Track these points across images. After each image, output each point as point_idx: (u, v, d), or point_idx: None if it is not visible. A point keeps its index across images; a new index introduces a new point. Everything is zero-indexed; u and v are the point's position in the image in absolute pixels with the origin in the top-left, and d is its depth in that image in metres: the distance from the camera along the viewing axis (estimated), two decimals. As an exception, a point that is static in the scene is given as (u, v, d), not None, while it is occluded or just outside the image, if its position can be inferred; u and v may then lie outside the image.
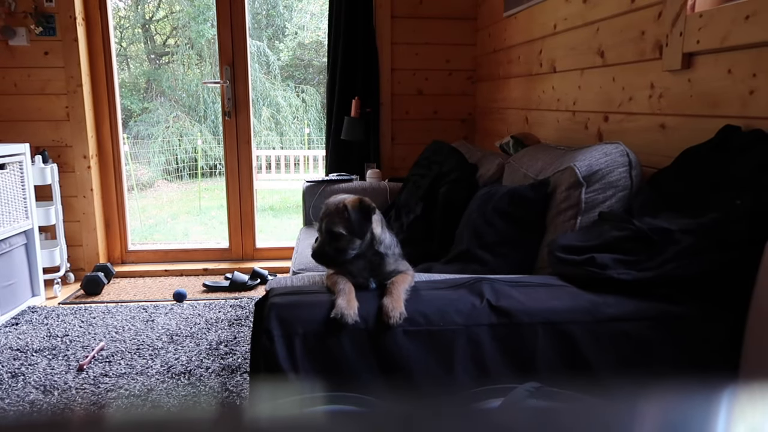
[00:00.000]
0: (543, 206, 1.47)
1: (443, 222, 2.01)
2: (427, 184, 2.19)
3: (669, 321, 1.01)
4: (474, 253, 1.53)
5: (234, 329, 2.31)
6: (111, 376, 1.92)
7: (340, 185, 2.58)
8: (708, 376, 0.97)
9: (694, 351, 1.00)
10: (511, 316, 1.01)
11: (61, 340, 2.19)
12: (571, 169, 1.38)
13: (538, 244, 1.46)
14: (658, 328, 1.01)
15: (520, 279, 1.15)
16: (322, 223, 1.02)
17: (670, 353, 1.00)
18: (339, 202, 1.05)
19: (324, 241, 1.02)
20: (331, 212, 1.02)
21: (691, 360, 1.00)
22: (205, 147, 7.57)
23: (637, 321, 1.02)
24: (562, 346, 1.00)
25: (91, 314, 2.46)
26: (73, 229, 2.98)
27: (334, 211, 1.03)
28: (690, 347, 1.00)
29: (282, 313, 0.98)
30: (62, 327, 2.32)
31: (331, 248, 1.03)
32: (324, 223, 1.02)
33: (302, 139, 8.02)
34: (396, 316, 0.97)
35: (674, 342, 1.00)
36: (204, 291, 2.82)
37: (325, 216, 1.02)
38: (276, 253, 3.26)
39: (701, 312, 1.01)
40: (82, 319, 2.40)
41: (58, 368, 1.97)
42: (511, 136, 2.15)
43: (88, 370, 1.96)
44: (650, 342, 1.01)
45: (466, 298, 1.04)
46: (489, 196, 1.64)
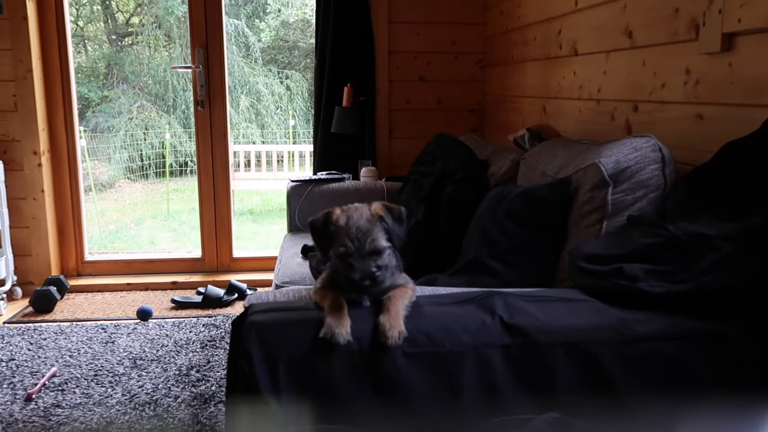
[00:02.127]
0: (563, 209, 1.47)
1: (448, 227, 2.01)
2: (430, 183, 2.20)
3: (707, 340, 1.01)
4: (484, 263, 1.53)
5: (207, 352, 2.31)
6: (64, 406, 1.91)
7: (330, 185, 2.58)
8: (750, 402, 0.98)
9: (735, 373, 1.00)
10: (527, 336, 1.01)
11: (6, 365, 2.18)
12: (595, 167, 1.39)
13: (557, 253, 1.46)
14: (694, 348, 1.01)
15: (537, 293, 1.15)
16: (358, 241, 0.98)
17: (707, 376, 1.00)
18: (368, 213, 1.01)
19: (368, 261, 0.99)
20: (367, 226, 1.00)
21: (731, 384, 1.00)
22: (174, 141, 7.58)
23: (670, 340, 1.02)
24: (586, 369, 1.00)
25: (42, 335, 2.46)
26: (20, 236, 2.98)
27: (371, 224, 1.00)
28: (730, 369, 1.00)
29: (263, 333, 0.98)
30: (7, 350, 2.31)
31: (375, 268, 1.00)
32: (363, 241, 0.98)
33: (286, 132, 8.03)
34: (394, 336, 0.97)
35: (713, 364, 1.01)
36: (173, 308, 2.82)
37: (361, 231, 0.98)
38: (256, 264, 3.26)
39: (743, 330, 1.01)
40: (30, 341, 2.39)
41: (3, 398, 1.96)
42: (526, 129, 2.16)
43: (37, 399, 1.95)
44: (685, 364, 1.01)
45: (476, 314, 1.04)
46: (501, 197, 1.64)
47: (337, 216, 1.01)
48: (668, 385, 1.01)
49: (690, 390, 1.01)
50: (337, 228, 1.00)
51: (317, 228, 1.00)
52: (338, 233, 1.00)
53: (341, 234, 1.00)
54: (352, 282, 0.99)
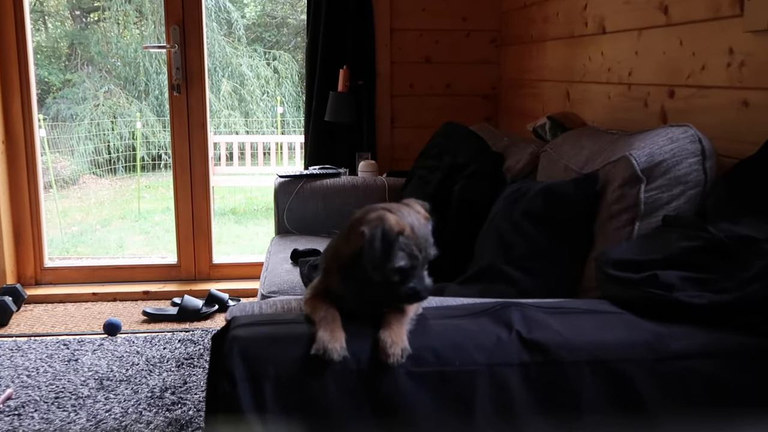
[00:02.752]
0: (590, 208, 1.47)
1: (459, 230, 2.01)
2: (438, 180, 2.20)
3: (753, 357, 1.01)
4: (499, 270, 1.53)
5: (184, 371, 2.31)
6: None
7: (323, 181, 2.58)
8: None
9: (787, 397, 1.00)
10: (549, 353, 1.01)
11: (-45, 386, 2.19)
12: (626, 160, 1.39)
13: (583, 259, 1.46)
14: (738, 366, 1.01)
15: (560, 304, 1.15)
16: (425, 251, 0.99)
17: (752, 398, 1.00)
18: (420, 216, 1.03)
19: (424, 271, 1.01)
20: (426, 232, 1.01)
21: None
22: (146, 131, 7.59)
23: (711, 358, 1.02)
24: (615, 390, 1.00)
25: (-4, 352, 2.46)
26: (-29, 239, 2.98)
27: (427, 228, 1.02)
28: (782, 392, 1.01)
29: (247, 350, 0.98)
30: (-43, 369, 2.32)
31: (429, 277, 1.03)
32: (428, 249, 1.00)
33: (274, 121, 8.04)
34: (397, 354, 0.97)
35: (759, 384, 1.01)
36: (144, 321, 2.81)
37: (425, 240, 1.00)
38: (239, 271, 3.26)
39: (796, 346, 1.02)
40: (-17, 359, 2.40)
41: (-48, 423, 1.96)
42: (547, 117, 2.16)
43: (-9, 425, 1.96)
44: (728, 384, 1.01)
45: (490, 329, 1.04)
46: (519, 195, 1.64)
47: (401, 225, 0.99)
48: (708, 408, 1.01)
49: (732, 414, 1.00)
50: (406, 238, 0.99)
51: (376, 241, 0.96)
52: (405, 245, 0.99)
53: (409, 245, 0.99)
54: (412, 295, 1.00)
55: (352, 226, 1.04)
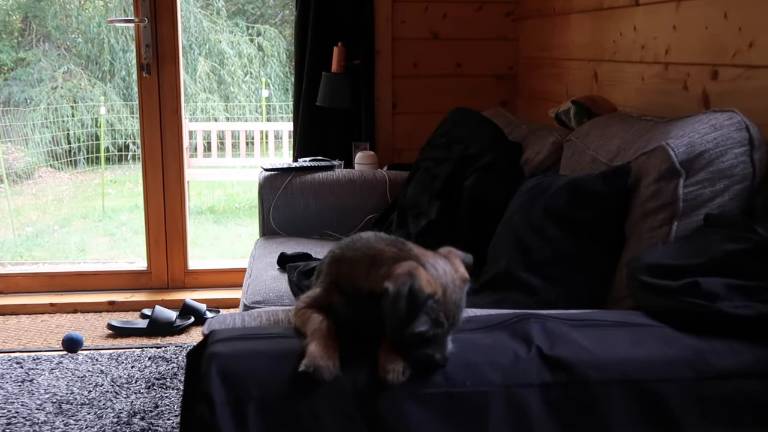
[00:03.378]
0: (620, 206, 1.47)
1: (470, 230, 2.01)
2: (446, 173, 2.20)
3: (809, 377, 1.02)
4: (516, 277, 1.53)
5: (155, 393, 2.31)
6: (-32, 464, 1.91)
7: (315, 176, 2.57)
8: None
9: None
10: (573, 372, 1.01)
11: None
12: (662, 151, 1.39)
13: (613, 264, 1.46)
14: (792, 388, 1.01)
15: (587, 316, 1.15)
16: (453, 318, 0.98)
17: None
18: (457, 277, 1.00)
19: (448, 338, 1.00)
20: (460, 297, 1.00)
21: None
22: (111, 118, 7.59)
23: (760, 378, 1.02)
24: (649, 415, 1.00)
25: (-61, 371, 2.46)
26: None
27: (462, 291, 1.00)
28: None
29: (228, 368, 0.98)
30: None
31: (451, 344, 1.02)
32: (457, 317, 1.00)
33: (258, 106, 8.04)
34: (397, 371, 0.97)
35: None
36: (109, 335, 2.81)
37: (456, 306, 0.99)
38: (218, 278, 3.25)
39: None
40: (-76, 379, 2.40)
41: None
42: (572, 102, 2.16)
43: (-67, 455, 1.95)
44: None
45: (506, 344, 1.04)
46: (539, 191, 1.64)
47: (433, 287, 0.97)
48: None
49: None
50: (435, 303, 0.97)
51: (401, 302, 0.94)
52: (432, 310, 0.97)
53: (437, 311, 0.97)
54: (426, 363, 0.99)
55: (378, 262, 1.01)
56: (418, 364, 0.99)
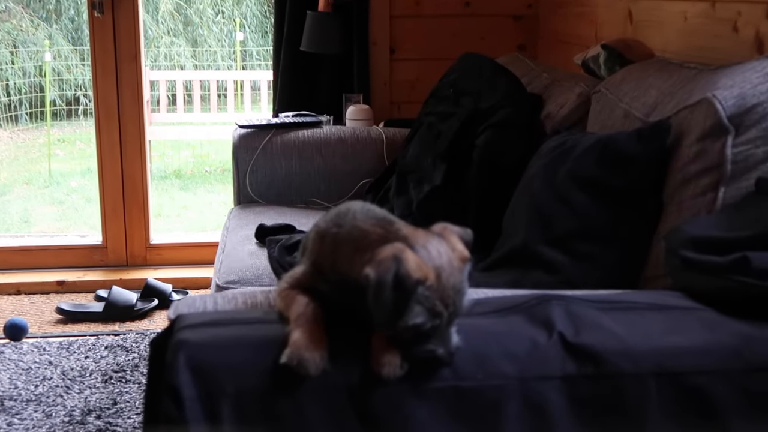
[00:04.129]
0: (658, 169, 1.46)
1: (481, 198, 2.01)
2: (454, 131, 2.19)
3: None
4: (536, 253, 1.53)
5: (113, 388, 2.32)
6: None
7: (298, 133, 2.56)
8: None
9: None
10: (602, 363, 1.01)
11: None
12: (708, 104, 1.38)
13: (648, 236, 1.46)
14: None
15: (618, 297, 1.15)
16: (453, 306, 0.98)
17: None
18: (454, 257, 0.99)
19: (450, 329, 0.99)
20: (459, 280, 0.99)
21: None
22: (58, 66, 7.53)
23: (820, 369, 1.02)
24: (690, 411, 1.01)
25: None
26: None
27: (461, 274, 0.99)
28: None
29: (199, 359, 0.98)
30: None
31: (456, 337, 1.01)
32: (458, 305, 0.99)
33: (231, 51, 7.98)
34: (394, 364, 0.97)
35: None
36: (59, 321, 2.82)
37: (456, 291, 0.98)
38: (186, 254, 3.26)
39: None
40: None
41: None
42: (601, 46, 2.15)
43: None
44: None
45: (523, 330, 1.04)
46: (563, 152, 1.63)
47: (423, 271, 0.95)
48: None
49: None
50: (428, 290, 0.96)
51: (385, 291, 0.93)
52: (426, 298, 0.96)
53: (431, 299, 0.96)
54: (427, 360, 0.98)
55: (363, 246, 1.00)
56: (420, 362, 0.98)
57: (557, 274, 1.47)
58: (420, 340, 0.97)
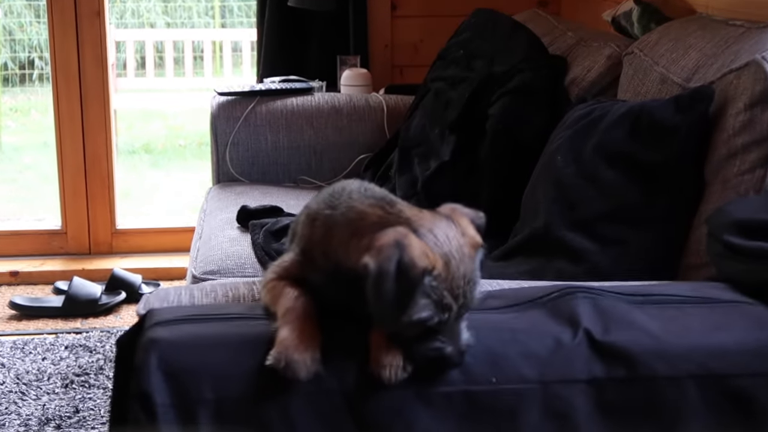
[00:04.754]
0: (699, 142, 1.47)
1: (496, 176, 2.01)
2: (465, 98, 2.18)
3: None
4: (559, 238, 1.53)
5: (75, 394, 2.32)
6: None
7: (286, 102, 2.56)
8: None
9: None
10: (634, 364, 1.01)
11: None
12: (757, 67, 1.38)
13: (689, 219, 1.46)
14: None
15: (653, 290, 1.16)
16: (464, 297, 0.98)
17: None
18: (465, 243, 1.00)
19: (460, 325, 1.00)
20: (471, 269, 0.99)
21: None
22: (10, 24, 7.51)
23: None
24: (736, 420, 1.01)
25: None
26: None
27: (472, 261, 1.00)
28: None
29: (173, 361, 0.98)
30: None
31: (467, 333, 1.01)
32: (469, 296, 0.99)
33: (209, 7, 7.95)
34: (396, 365, 0.97)
35: None
36: (13, 317, 2.82)
37: (467, 281, 0.98)
38: (157, 241, 3.27)
39: None
40: None
41: None
42: (635, 1, 2.14)
43: None
44: None
45: (544, 327, 1.04)
46: (590, 123, 1.63)
47: (430, 259, 0.96)
48: None
49: None
50: (435, 279, 0.96)
51: (387, 282, 0.93)
52: (433, 289, 0.96)
53: (439, 290, 0.96)
54: (435, 359, 0.98)
55: (360, 229, 1.00)
56: (424, 363, 0.98)
57: (583, 262, 1.48)
58: (426, 337, 0.98)
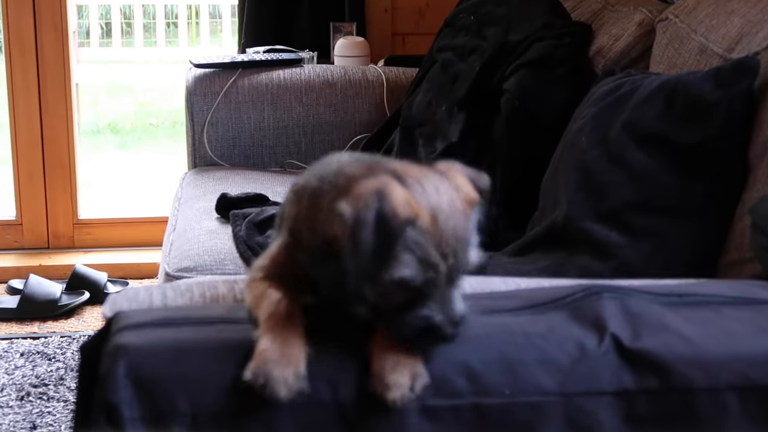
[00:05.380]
0: (742, 121, 1.46)
1: (511, 158, 2.02)
2: (476, 70, 2.18)
3: None
4: (583, 230, 1.54)
5: (32, 407, 2.33)
6: None
7: (272, 75, 2.57)
8: None
9: None
10: (668, 374, 1.01)
11: None
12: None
13: (730, 209, 1.46)
14: None
15: (689, 289, 1.16)
16: (454, 257, 0.98)
17: None
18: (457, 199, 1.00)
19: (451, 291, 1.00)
20: (463, 227, 1.00)
21: None
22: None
23: None
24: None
25: None
26: None
27: (466, 220, 1.00)
28: None
29: (143, 370, 0.98)
30: None
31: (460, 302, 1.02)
32: (460, 256, 1.00)
33: (183, -34, 7.93)
34: (402, 384, 0.96)
35: None
36: (-39, 320, 2.84)
37: (458, 240, 0.99)
38: (125, 233, 3.28)
39: None
40: None
41: None
42: (671, -42, 2.14)
43: None
44: None
45: (565, 332, 1.05)
46: (619, 99, 1.63)
47: (414, 209, 0.96)
48: None
49: None
50: (419, 232, 0.96)
51: (365, 232, 0.94)
52: (417, 243, 0.96)
53: (424, 245, 0.97)
54: (423, 331, 0.98)
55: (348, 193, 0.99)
56: (411, 335, 0.98)
57: (610, 258, 1.48)
58: (412, 305, 0.97)
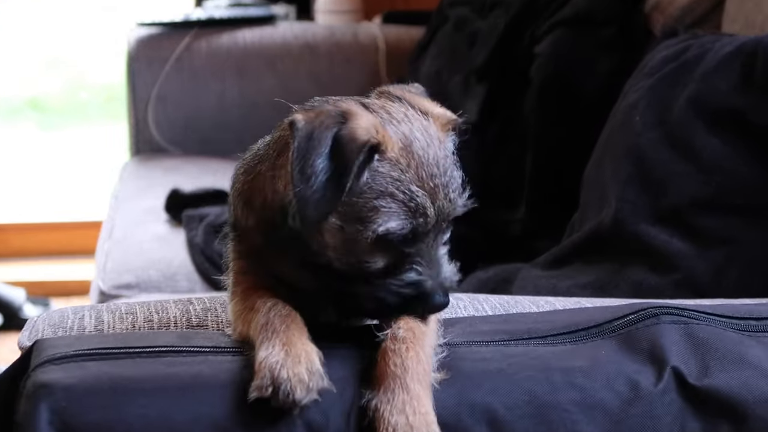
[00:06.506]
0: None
1: (544, 142, 2.03)
2: (499, 31, 2.20)
3: None
4: (637, 234, 1.54)
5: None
6: None
7: (236, 37, 2.57)
8: None
9: None
10: (746, 418, 1.03)
11: None
12: None
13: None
14: None
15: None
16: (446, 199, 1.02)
17: None
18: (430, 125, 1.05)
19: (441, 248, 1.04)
20: (445, 157, 1.04)
21: None
22: None
23: None
24: None
25: None
26: None
27: (447, 151, 1.04)
28: None
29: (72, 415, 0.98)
30: None
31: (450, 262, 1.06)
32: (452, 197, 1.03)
33: None
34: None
35: None
36: None
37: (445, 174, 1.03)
38: (47, 240, 3.34)
39: None
40: None
41: None
42: None
43: None
44: None
45: (615, 366, 1.06)
46: (682, 66, 1.64)
47: (381, 134, 1.01)
48: None
49: None
50: (390, 163, 1.01)
51: (316, 150, 0.98)
52: (394, 179, 1.00)
53: (404, 183, 1.01)
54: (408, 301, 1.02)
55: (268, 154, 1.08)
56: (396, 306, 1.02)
57: (672, 270, 1.49)
58: (396, 269, 1.02)
